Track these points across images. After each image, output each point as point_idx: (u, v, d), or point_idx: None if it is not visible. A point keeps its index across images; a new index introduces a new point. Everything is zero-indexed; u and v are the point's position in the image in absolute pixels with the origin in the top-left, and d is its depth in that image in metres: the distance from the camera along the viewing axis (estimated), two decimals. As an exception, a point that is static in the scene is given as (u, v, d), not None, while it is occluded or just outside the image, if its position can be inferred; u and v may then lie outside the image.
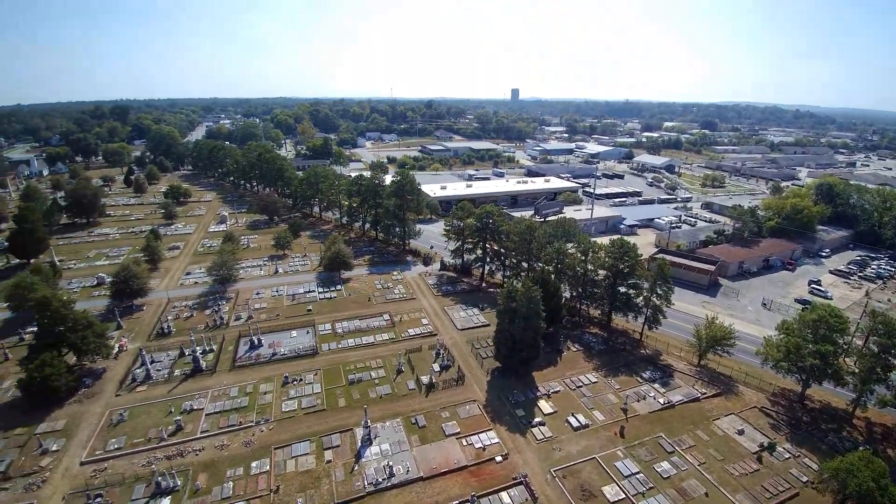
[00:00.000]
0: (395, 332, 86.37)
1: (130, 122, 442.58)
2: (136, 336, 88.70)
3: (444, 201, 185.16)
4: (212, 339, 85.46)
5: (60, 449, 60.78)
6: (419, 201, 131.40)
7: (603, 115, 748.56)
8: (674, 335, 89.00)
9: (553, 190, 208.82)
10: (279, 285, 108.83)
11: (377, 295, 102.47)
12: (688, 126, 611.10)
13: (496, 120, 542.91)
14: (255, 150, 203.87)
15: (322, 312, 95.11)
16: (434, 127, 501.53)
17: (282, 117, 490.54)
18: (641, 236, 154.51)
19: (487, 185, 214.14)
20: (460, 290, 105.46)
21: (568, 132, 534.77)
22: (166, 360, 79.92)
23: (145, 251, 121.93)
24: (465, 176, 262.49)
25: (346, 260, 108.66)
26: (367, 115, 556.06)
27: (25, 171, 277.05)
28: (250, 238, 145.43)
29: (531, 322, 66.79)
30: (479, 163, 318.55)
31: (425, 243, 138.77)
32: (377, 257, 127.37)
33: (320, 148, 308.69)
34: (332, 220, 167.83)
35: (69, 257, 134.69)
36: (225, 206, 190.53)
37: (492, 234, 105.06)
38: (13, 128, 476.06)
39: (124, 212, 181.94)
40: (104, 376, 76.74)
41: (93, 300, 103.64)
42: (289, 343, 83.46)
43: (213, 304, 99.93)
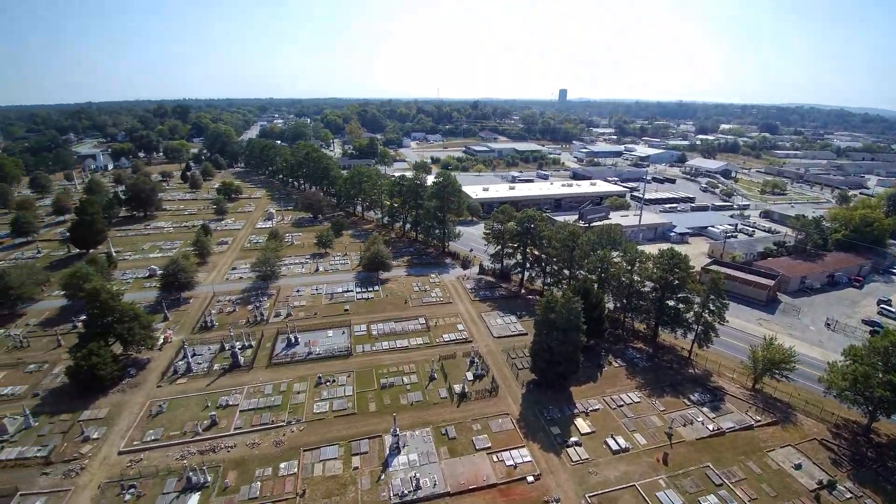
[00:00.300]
0: (430, 337, 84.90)
1: (190, 121, 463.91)
2: (181, 328, 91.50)
3: (486, 203, 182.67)
4: (251, 334, 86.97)
5: (101, 437, 62.91)
6: (460, 203, 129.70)
7: (654, 117, 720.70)
8: (726, 354, 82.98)
9: (599, 194, 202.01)
10: (319, 283, 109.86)
11: (414, 297, 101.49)
12: (746, 129, 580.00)
13: (542, 121, 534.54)
14: (303, 150, 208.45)
15: (358, 313, 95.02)
16: (479, 128, 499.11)
17: (331, 117, 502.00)
18: (693, 245, 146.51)
19: (531, 188, 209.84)
20: (498, 295, 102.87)
21: (617, 134, 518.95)
22: (207, 353, 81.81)
23: (195, 245, 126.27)
24: (509, 178, 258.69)
25: (384, 261, 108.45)
26: (413, 115, 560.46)
27: (92, 166, 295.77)
28: (294, 235, 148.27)
29: (570, 335, 63.53)
30: (523, 164, 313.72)
31: (465, 246, 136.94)
32: (416, 258, 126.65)
33: (366, 148, 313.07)
34: (374, 219, 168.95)
35: (125, 248, 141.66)
36: (273, 203, 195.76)
37: (533, 240, 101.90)
38: (83, 124, 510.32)
39: (179, 206, 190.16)
40: (148, 367, 79.35)
41: (144, 291, 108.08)
42: (324, 343, 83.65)
43: (255, 299, 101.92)
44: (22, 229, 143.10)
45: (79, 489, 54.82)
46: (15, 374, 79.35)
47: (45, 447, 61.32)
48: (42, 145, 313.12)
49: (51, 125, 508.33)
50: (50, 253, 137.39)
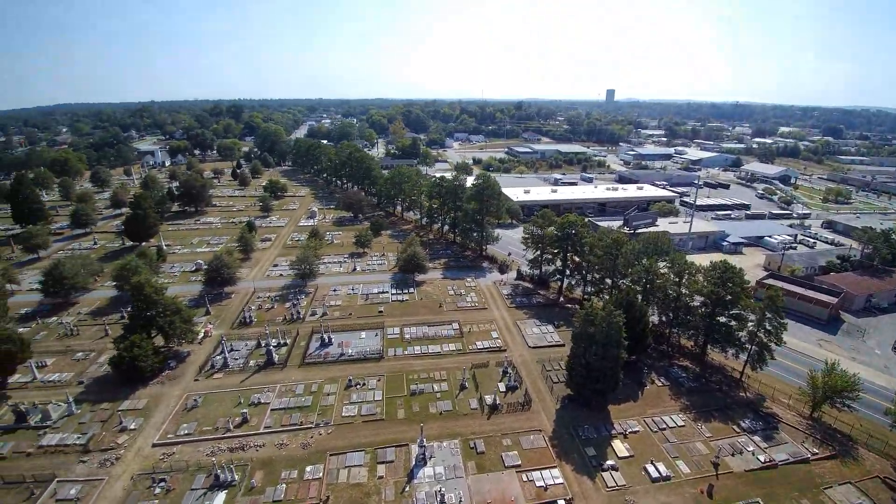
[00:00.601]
0: (463, 344, 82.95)
1: (243, 120, 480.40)
2: (221, 323, 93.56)
3: (527, 206, 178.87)
4: (287, 332, 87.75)
5: (137, 428, 64.60)
6: (499, 206, 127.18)
7: (707, 118, 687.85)
8: (782, 378, 76.69)
9: (646, 199, 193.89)
10: (355, 283, 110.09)
11: (448, 301, 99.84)
12: (807, 132, 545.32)
13: (588, 122, 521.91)
14: (347, 150, 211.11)
15: (392, 315, 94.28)
16: (522, 128, 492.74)
17: (376, 117, 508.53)
18: (748, 256, 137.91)
19: (574, 191, 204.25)
20: (535, 303, 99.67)
21: (667, 136, 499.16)
22: (244, 349, 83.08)
23: (240, 242, 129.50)
24: (551, 180, 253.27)
25: (420, 263, 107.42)
26: (456, 115, 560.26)
27: (150, 162, 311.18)
28: (334, 234, 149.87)
29: (610, 350, 59.99)
30: (566, 166, 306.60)
31: (503, 249, 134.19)
32: (453, 261, 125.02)
33: (409, 148, 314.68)
34: (413, 220, 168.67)
35: (176, 242, 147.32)
36: (316, 201, 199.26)
37: (574, 246, 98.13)
38: (144, 122, 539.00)
39: (228, 203, 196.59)
40: (187, 360, 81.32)
41: (189, 285, 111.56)
42: (357, 344, 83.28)
43: (293, 297, 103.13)
44: (80, 221, 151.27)
45: (112, 479, 56.24)
46: (63, 361, 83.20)
47: (85, 435, 63.58)
48: (105, 141, 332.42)
49: (115, 122, 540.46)
50: (105, 245, 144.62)
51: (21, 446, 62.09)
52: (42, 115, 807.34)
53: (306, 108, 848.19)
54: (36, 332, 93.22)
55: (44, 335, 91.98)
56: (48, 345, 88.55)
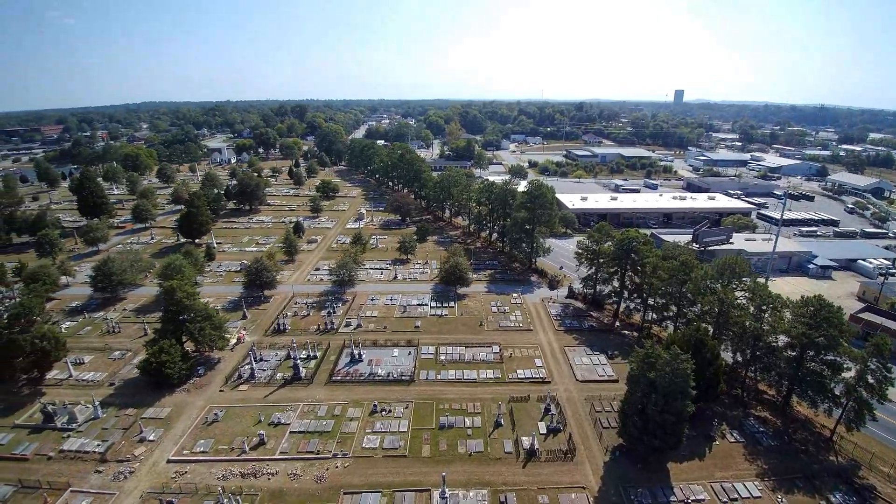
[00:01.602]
0: (502, 371, 75.23)
1: (307, 120, 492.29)
2: (256, 329, 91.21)
3: (583, 214, 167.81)
4: (318, 344, 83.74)
5: (156, 440, 62.21)
6: (552, 216, 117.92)
7: (787, 122, 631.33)
8: (883, 440, 63.36)
9: (718, 210, 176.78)
10: (394, 293, 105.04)
11: (490, 320, 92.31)
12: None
13: (654, 124, 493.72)
14: (398, 151, 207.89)
15: (429, 331, 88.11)
16: (582, 130, 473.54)
17: (434, 118, 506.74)
18: (838, 283, 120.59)
19: (636, 200, 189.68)
20: (587, 327, 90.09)
21: (741, 140, 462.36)
22: (273, 360, 79.81)
23: (285, 243, 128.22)
24: (611, 186, 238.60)
25: (463, 275, 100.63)
26: (514, 116, 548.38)
27: (217, 159, 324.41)
28: (380, 238, 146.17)
29: (674, 403, 50.44)
30: (628, 172, 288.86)
31: (554, 262, 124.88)
32: (499, 273, 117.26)
33: (463, 149, 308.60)
34: (461, 225, 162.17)
35: (227, 240, 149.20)
36: (366, 203, 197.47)
37: (634, 266, 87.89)
38: (216, 120, 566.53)
39: (282, 202, 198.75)
40: (217, 367, 79.09)
41: (232, 286, 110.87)
42: (388, 363, 77.78)
43: (329, 304, 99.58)
44: (140, 216, 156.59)
45: (123, 495, 53.73)
46: (100, 359, 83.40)
47: (105, 442, 62.06)
48: (176, 139, 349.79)
49: (190, 120, 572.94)
50: (162, 240, 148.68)
51: (44, 448, 61.47)
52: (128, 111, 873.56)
53: (368, 109, 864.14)
54: (81, 326, 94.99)
55: (88, 331, 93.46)
56: (90, 341, 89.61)
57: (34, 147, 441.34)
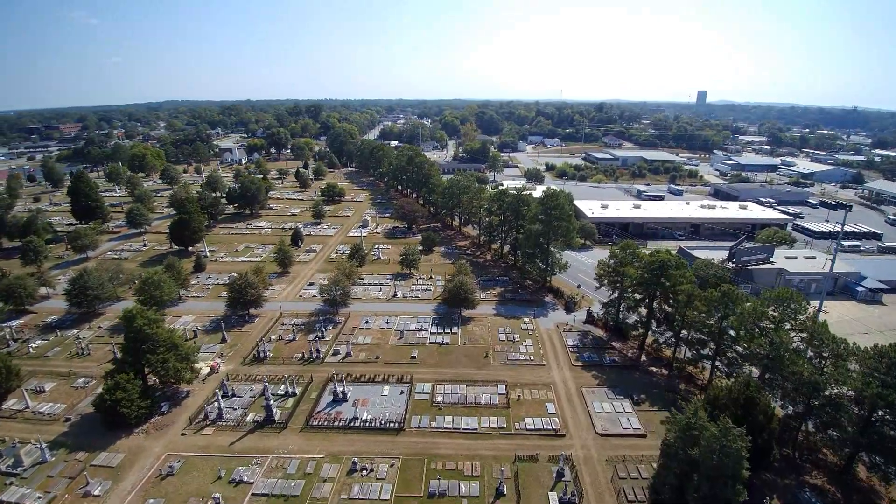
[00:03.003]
0: (508, 419, 64.12)
1: (321, 120, 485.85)
2: (234, 356, 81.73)
3: (603, 223, 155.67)
4: (299, 378, 73.68)
5: (101, 496, 53.30)
6: (569, 229, 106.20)
7: (816, 125, 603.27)
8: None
9: (751, 221, 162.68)
10: (392, 314, 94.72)
11: (498, 350, 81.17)
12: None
13: (677, 126, 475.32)
14: (407, 153, 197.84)
15: (426, 363, 77.48)
16: (602, 132, 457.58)
17: (449, 118, 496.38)
18: (890, 308, 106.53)
19: (660, 207, 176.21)
20: (608, 362, 78.37)
21: (770, 144, 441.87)
22: (246, 396, 70.13)
23: (277, 254, 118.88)
24: (633, 192, 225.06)
25: (468, 297, 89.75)
26: (531, 117, 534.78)
27: (228, 159, 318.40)
28: (382, 248, 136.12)
29: (722, 490, 39.11)
30: (651, 176, 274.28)
31: (571, 279, 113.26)
32: (509, 292, 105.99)
33: (478, 151, 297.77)
34: (471, 235, 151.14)
35: (221, 247, 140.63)
36: (372, 208, 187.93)
37: (664, 293, 76.08)
38: (231, 119, 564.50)
39: (285, 206, 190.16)
40: (184, 402, 69.84)
41: (218, 301, 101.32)
42: (377, 403, 67.41)
43: (319, 327, 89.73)
44: (135, 221, 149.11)
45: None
46: (62, 387, 75.06)
47: (48, 495, 53.64)
48: (187, 138, 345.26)
49: (206, 119, 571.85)
50: (155, 247, 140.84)
51: (-21, 499, 52.74)
52: (149, 110, 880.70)
53: (385, 109, 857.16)
54: (51, 346, 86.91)
55: (57, 352, 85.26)
56: (56, 364, 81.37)
57: (50, 145, 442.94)
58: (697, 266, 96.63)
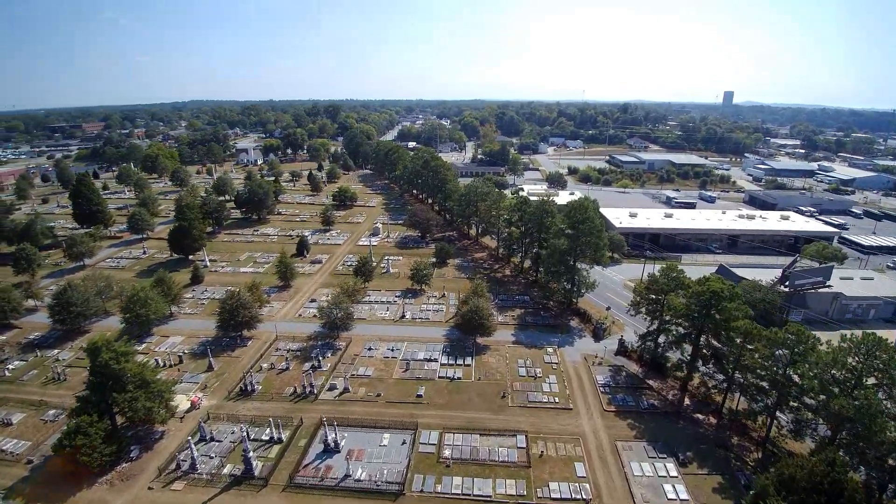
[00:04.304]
0: (529, 483, 53.60)
1: (339, 120, 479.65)
2: (219, 388, 73.00)
3: (632, 233, 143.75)
4: (288, 420, 64.34)
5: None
6: (599, 246, 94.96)
7: (850, 128, 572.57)
8: None
9: (794, 234, 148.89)
10: (398, 340, 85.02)
11: (517, 389, 70.66)
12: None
13: (705, 128, 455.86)
14: (423, 156, 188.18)
15: (434, 404, 67.47)
16: (627, 134, 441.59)
17: (468, 119, 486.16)
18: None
19: (694, 217, 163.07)
20: (646, 407, 67.26)
21: (804, 147, 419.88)
22: (226, 441, 61.16)
23: (278, 267, 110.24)
24: (662, 198, 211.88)
25: (483, 322, 79.42)
26: (553, 118, 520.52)
27: (244, 160, 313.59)
28: (393, 260, 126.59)
29: None
30: (680, 181, 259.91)
31: (599, 298, 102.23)
32: (530, 314, 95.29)
33: (497, 153, 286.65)
34: (488, 246, 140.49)
35: (223, 257, 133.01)
36: (385, 213, 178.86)
37: (715, 329, 64.67)
38: (250, 119, 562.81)
39: (294, 211, 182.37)
40: (157, 446, 61.25)
41: (212, 319, 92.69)
42: (374, 456, 57.70)
43: (316, 353, 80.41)
44: (136, 227, 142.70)
45: None
46: (30, 420, 67.60)
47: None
48: (203, 138, 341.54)
49: (226, 119, 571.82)
50: (155, 254, 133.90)
51: None
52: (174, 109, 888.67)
53: (404, 109, 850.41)
54: (28, 369, 79.68)
55: (33, 375, 77.95)
56: (29, 391, 73.96)
57: (71, 144, 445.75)
58: (744, 288, 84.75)
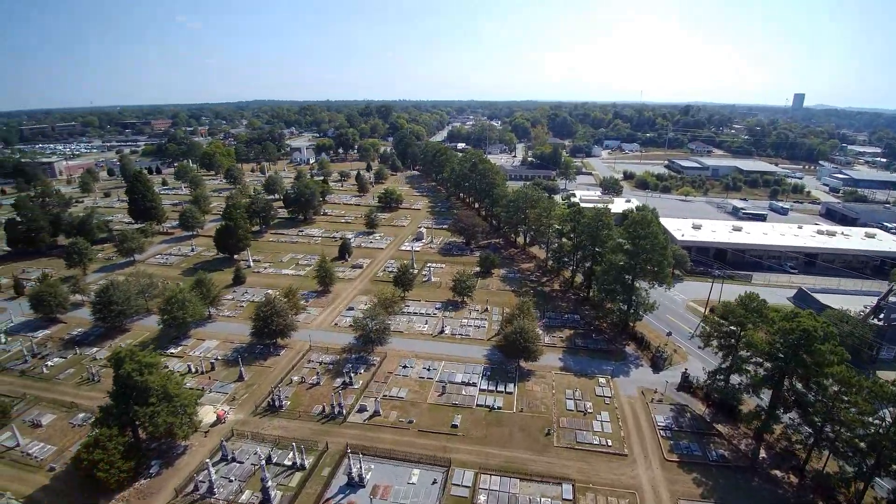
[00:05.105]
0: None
1: (390, 121, 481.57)
2: (247, 400, 69.94)
3: (695, 248, 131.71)
4: (311, 445, 59.82)
5: None
6: (663, 264, 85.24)
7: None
8: None
9: (883, 255, 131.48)
10: (436, 358, 79.39)
11: (564, 425, 63.17)
12: None
13: (775, 133, 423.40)
14: (471, 158, 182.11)
15: (471, 437, 61.19)
16: (688, 137, 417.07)
17: (519, 120, 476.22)
18: None
19: (766, 231, 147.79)
20: (716, 457, 58.03)
21: (886, 156, 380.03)
22: (248, 462, 57.45)
23: (318, 272, 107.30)
24: (728, 208, 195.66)
25: (529, 346, 72.31)
26: (608, 120, 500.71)
27: (297, 159, 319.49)
28: (435, 268, 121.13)
29: None
30: (747, 189, 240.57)
31: (660, 321, 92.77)
32: (580, 336, 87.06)
33: (548, 156, 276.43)
34: (536, 256, 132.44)
35: (267, 257, 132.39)
36: (430, 217, 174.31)
37: (806, 374, 54.78)
38: (306, 119, 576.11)
39: (340, 212, 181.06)
40: (178, 462, 58.47)
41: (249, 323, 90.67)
42: (401, 495, 52.13)
43: (349, 368, 76.07)
44: (187, 224, 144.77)
45: None
46: (59, 423, 66.93)
47: None
48: (261, 137, 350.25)
49: (283, 118, 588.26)
50: (202, 252, 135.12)
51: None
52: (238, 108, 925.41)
53: (455, 110, 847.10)
54: (66, 366, 79.96)
55: (69, 375, 77.99)
56: (63, 391, 73.83)
57: (140, 139, 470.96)
58: (829, 318, 73.30)
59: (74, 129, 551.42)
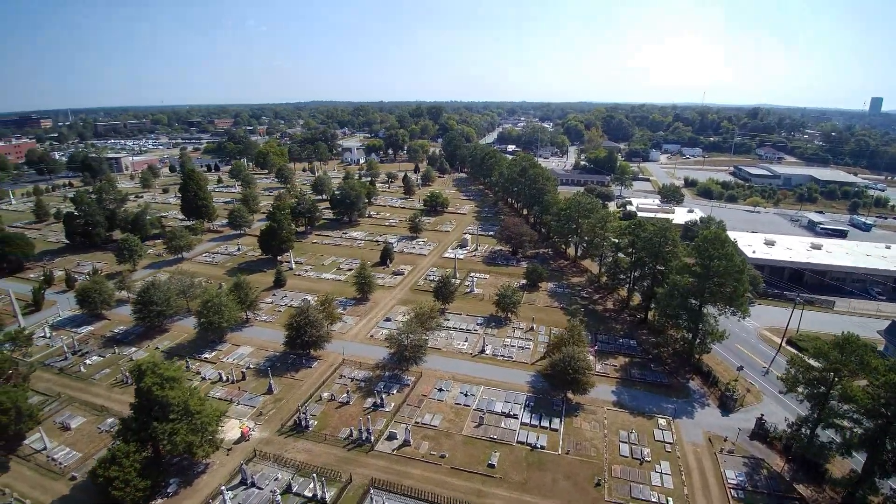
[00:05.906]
0: None
1: (440, 122, 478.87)
2: (274, 416, 66.48)
3: (769, 267, 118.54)
4: (334, 475, 55.14)
5: None
6: (739, 291, 74.93)
7: None
8: None
9: None
10: (474, 382, 73.22)
11: (617, 475, 55.29)
12: None
13: (853, 139, 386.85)
14: (521, 163, 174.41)
15: (508, 481, 54.46)
16: (756, 143, 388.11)
17: (572, 122, 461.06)
18: None
19: (847, 250, 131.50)
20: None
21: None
22: (267, 489, 53.57)
23: (357, 279, 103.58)
24: (803, 221, 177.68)
25: (579, 377, 64.81)
26: (667, 123, 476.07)
27: (348, 159, 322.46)
28: (479, 278, 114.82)
29: None
30: (824, 201, 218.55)
31: (729, 352, 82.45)
32: (636, 366, 78.24)
33: (602, 160, 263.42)
34: (588, 270, 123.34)
35: (310, 259, 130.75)
36: (476, 223, 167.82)
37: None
38: (359, 119, 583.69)
39: (385, 214, 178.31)
40: (197, 482, 55.45)
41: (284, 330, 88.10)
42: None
43: (381, 388, 71.37)
44: (235, 223, 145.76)
45: None
46: (87, 427, 66.02)
47: None
48: (314, 136, 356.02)
49: (337, 119, 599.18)
50: (247, 252, 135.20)
51: None
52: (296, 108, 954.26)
53: (506, 111, 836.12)
54: (103, 366, 79.72)
55: (104, 375, 77.55)
56: (96, 392, 73.24)
57: (203, 137, 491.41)
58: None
59: (145, 125, 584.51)
